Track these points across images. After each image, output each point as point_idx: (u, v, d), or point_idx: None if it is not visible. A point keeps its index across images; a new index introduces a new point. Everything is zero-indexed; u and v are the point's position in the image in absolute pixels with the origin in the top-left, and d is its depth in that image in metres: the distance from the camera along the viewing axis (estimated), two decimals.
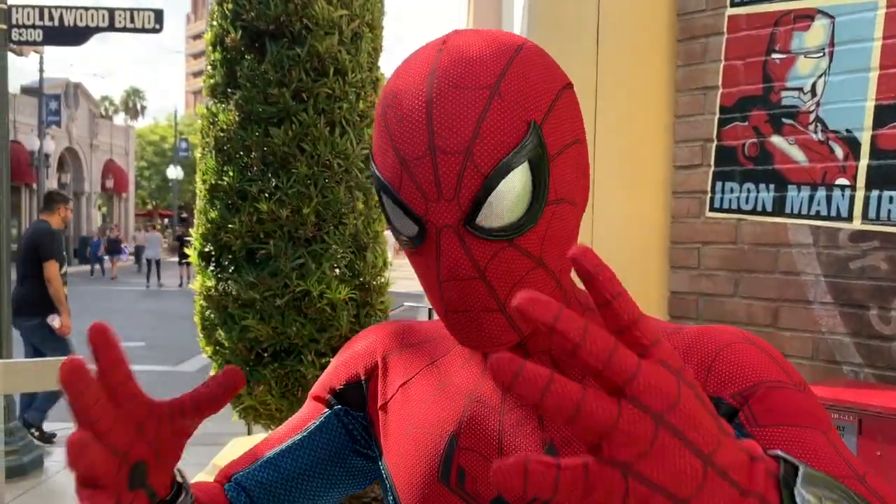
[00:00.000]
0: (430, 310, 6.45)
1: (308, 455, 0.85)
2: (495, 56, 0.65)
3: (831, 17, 2.47)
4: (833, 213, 2.46)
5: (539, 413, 0.69)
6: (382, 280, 3.92)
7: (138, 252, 27.78)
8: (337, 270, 3.65)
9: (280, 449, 0.86)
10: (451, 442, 0.77)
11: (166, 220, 34.52)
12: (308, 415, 0.88)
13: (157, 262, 22.41)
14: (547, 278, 0.69)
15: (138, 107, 68.32)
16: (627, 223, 2.88)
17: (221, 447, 5.58)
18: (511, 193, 0.64)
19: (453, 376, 0.80)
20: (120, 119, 60.09)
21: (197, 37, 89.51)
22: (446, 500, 0.76)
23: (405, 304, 7.26)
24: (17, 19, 6.32)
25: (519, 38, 0.69)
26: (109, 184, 36.91)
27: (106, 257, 26.36)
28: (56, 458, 5.86)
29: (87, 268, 26.88)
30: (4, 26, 5.46)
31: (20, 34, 6.36)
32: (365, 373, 0.86)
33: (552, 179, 0.66)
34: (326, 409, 0.87)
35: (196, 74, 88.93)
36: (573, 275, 0.75)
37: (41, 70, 26.39)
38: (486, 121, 0.63)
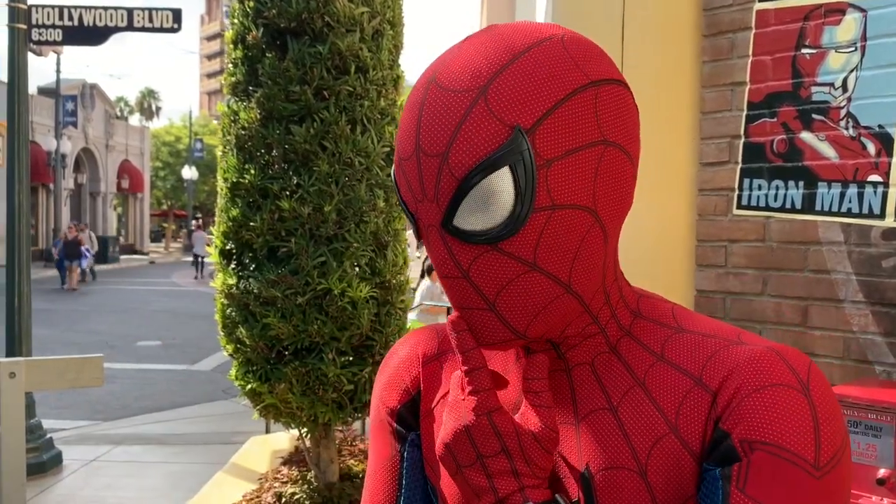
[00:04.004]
0: (448, 309, 6.43)
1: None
2: (498, 56, 0.65)
3: (863, 10, 2.43)
4: (865, 211, 2.41)
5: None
6: (402, 278, 3.90)
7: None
8: (357, 268, 3.65)
9: None
10: None
11: (192, 222, 34.66)
12: (390, 458, 0.82)
13: (203, 259, 23.44)
14: (545, 282, 0.66)
15: (153, 107, 68.73)
16: (653, 221, 2.84)
17: (239, 446, 5.59)
18: (488, 198, 0.63)
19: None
20: (135, 120, 60.47)
21: (211, 38, 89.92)
22: None
23: (424, 303, 7.25)
24: (36, 19, 6.36)
25: (548, 33, 0.67)
26: (125, 184, 37.16)
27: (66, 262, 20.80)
28: (74, 456, 5.89)
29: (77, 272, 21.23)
30: (24, 26, 5.49)
31: (40, 34, 6.40)
32: (413, 385, 0.83)
33: (548, 185, 0.64)
34: (400, 445, 0.82)
35: (210, 75, 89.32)
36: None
37: (58, 71, 26.61)
38: (466, 125, 0.63)
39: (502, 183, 0.63)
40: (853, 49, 2.46)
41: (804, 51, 2.57)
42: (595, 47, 0.69)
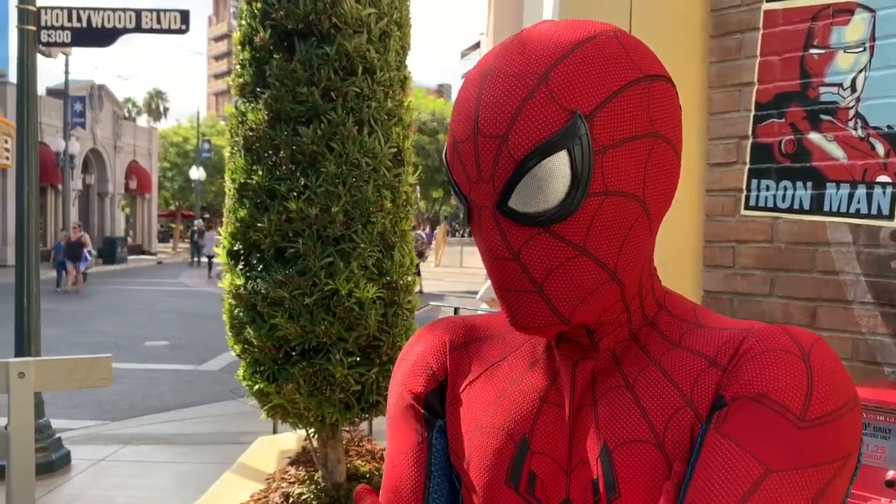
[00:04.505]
0: (455, 309, 6.44)
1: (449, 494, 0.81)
2: (557, 45, 0.66)
3: (872, 10, 2.42)
4: (874, 211, 2.40)
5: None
6: (409, 279, 3.91)
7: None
8: (365, 269, 3.65)
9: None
10: (522, 444, 0.74)
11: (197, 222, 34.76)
12: (416, 445, 0.81)
13: (211, 258, 23.87)
14: (593, 267, 0.67)
15: (161, 108, 68.96)
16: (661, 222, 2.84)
17: (247, 446, 5.61)
18: (545, 180, 0.65)
19: (524, 374, 0.78)
20: (143, 120, 60.67)
21: (219, 39, 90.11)
22: (513, 503, 0.74)
23: (430, 303, 7.26)
24: (45, 21, 6.37)
25: (601, 28, 0.69)
26: (133, 184, 37.27)
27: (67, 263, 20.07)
28: (83, 456, 5.91)
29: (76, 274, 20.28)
30: (34, 27, 5.52)
31: (49, 35, 6.41)
32: (440, 371, 0.83)
33: (602, 170, 0.66)
34: (427, 431, 0.81)
35: (218, 76, 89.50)
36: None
37: (66, 72, 26.72)
38: (526, 108, 0.64)
39: (560, 166, 0.64)
40: (862, 49, 2.45)
41: (812, 51, 2.56)
42: (644, 45, 0.72)
